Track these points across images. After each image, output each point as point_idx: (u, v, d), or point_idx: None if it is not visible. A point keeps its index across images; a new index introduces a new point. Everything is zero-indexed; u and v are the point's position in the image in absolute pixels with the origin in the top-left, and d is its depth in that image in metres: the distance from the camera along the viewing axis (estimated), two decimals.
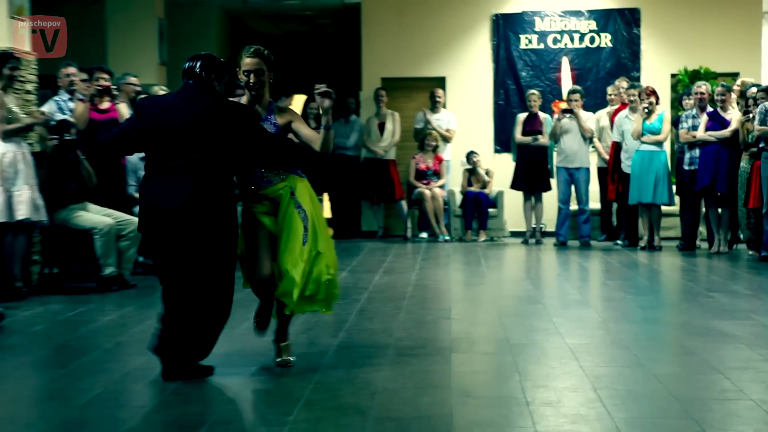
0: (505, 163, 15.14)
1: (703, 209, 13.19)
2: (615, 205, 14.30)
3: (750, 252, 12.39)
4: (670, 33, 15.94)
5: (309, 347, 6.83)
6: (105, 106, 10.54)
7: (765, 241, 11.89)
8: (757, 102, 12.19)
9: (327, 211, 15.87)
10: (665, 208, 13.53)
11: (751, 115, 12.23)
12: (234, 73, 6.17)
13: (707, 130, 12.78)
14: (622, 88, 14.17)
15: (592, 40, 16.01)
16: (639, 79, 15.46)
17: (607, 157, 14.06)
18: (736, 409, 5.23)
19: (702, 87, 13.16)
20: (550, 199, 14.47)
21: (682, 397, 5.43)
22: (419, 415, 5.14)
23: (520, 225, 14.84)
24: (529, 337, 7.27)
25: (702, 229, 13.52)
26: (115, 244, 9.76)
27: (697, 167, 12.84)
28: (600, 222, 14.64)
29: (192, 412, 5.31)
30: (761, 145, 11.95)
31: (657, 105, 13.32)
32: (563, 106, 14.33)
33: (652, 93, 13.33)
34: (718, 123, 12.76)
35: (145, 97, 8.23)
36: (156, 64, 14.59)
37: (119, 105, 10.63)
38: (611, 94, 14.48)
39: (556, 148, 14.25)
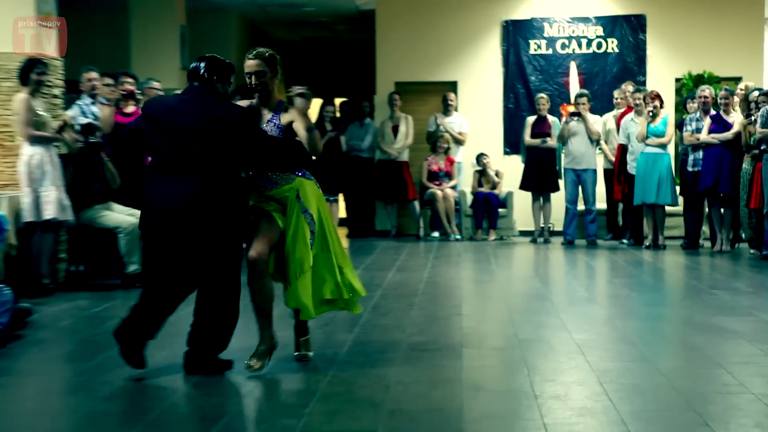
0: (515, 165, 15.12)
1: (706, 209, 13.15)
2: (621, 206, 14.27)
3: (751, 251, 12.35)
4: (674, 39, 15.90)
5: (325, 342, 6.84)
6: (130, 110, 10.56)
7: (766, 240, 11.85)
8: (758, 105, 12.15)
9: (342, 211, 15.88)
10: (669, 208, 13.49)
11: (753, 118, 12.20)
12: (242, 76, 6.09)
13: (710, 132, 12.75)
14: (628, 92, 14.13)
15: (599, 46, 15.98)
16: (645, 83, 15.42)
17: (613, 158, 14.04)
18: (738, 403, 5.22)
19: (706, 91, 13.12)
20: (558, 200, 14.44)
21: (686, 391, 5.42)
22: (431, 408, 5.15)
23: (528, 224, 14.82)
24: (537, 333, 7.27)
25: (705, 228, 13.48)
26: (139, 242, 9.78)
27: (700, 169, 12.81)
28: (606, 222, 14.60)
29: (212, 404, 5.33)
30: (763, 147, 11.92)
31: (661, 108, 13.27)
32: (571, 109, 14.30)
33: (657, 97, 13.29)
34: (720, 126, 12.72)
35: (150, 99, 8.19)
36: (178, 69, 14.61)
37: None
38: (617, 98, 14.45)
39: (563, 150, 14.23)
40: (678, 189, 13.44)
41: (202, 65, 5.87)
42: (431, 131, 15.30)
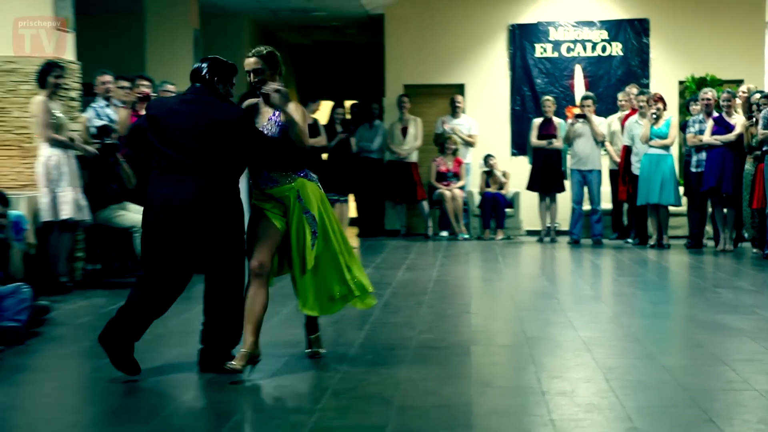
0: (521, 166, 15.10)
1: (710, 209, 13.11)
2: (626, 206, 14.24)
3: (754, 250, 12.31)
4: (677, 42, 15.86)
5: (336, 340, 6.83)
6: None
7: None
8: (760, 107, 12.11)
9: (352, 211, 15.87)
10: (673, 208, 13.46)
11: (754, 120, 12.16)
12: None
13: (713, 134, 12.72)
14: (632, 94, 14.11)
15: (604, 49, 15.94)
16: (648, 85, 15.40)
17: (618, 159, 14.01)
18: (742, 399, 5.20)
19: (708, 93, 13.09)
20: (564, 200, 14.42)
21: (690, 388, 5.40)
22: (440, 404, 5.13)
23: (535, 224, 14.80)
24: (544, 331, 7.25)
25: (708, 228, 13.44)
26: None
27: (703, 169, 12.78)
28: (611, 221, 14.58)
29: (226, 400, 5.32)
30: (765, 148, 11.87)
31: (664, 111, 13.24)
32: (576, 111, 14.30)
33: (660, 99, 13.27)
34: (723, 127, 12.69)
35: (153, 99, 8.15)
36: None
37: None
38: (622, 100, 14.41)
39: (569, 152, 14.20)
40: (682, 189, 13.41)
41: (205, 66, 5.83)
42: (438, 133, 15.29)
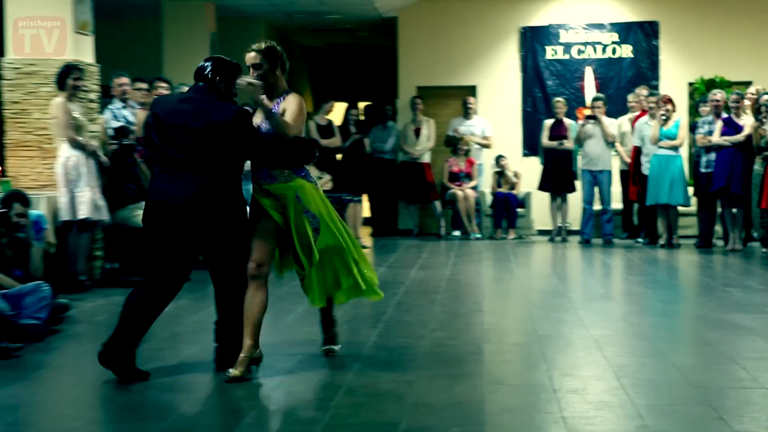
0: (533, 166, 15.08)
1: (719, 209, 13.07)
2: (636, 206, 14.20)
3: (763, 249, 12.26)
4: (687, 44, 15.80)
5: (350, 338, 6.81)
6: None
7: None
8: None
9: (366, 211, 15.86)
10: (683, 208, 13.42)
11: (763, 121, 12.12)
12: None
13: (722, 135, 12.68)
14: (642, 95, 14.07)
15: (614, 51, 15.90)
16: (658, 87, 15.35)
17: (628, 160, 13.98)
18: (752, 397, 5.18)
19: (717, 95, 13.06)
20: (575, 200, 14.39)
21: (700, 386, 5.38)
22: (453, 402, 5.12)
23: (546, 224, 14.78)
24: (555, 329, 7.23)
25: (718, 227, 13.40)
26: None
27: (713, 170, 12.74)
28: (622, 221, 14.55)
29: (242, 397, 5.32)
30: None
31: (673, 112, 13.21)
32: (587, 112, 14.28)
33: (669, 101, 13.24)
34: (732, 128, 12.65)
35: (157, 97, 8.11)
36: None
37: None
38: (632, 102, 14.38)
39: (580, 152, 14.18)
40: (691, 190, 13.37)
41: (208, 65, 5.81)
42: (450, 135, 15.28)
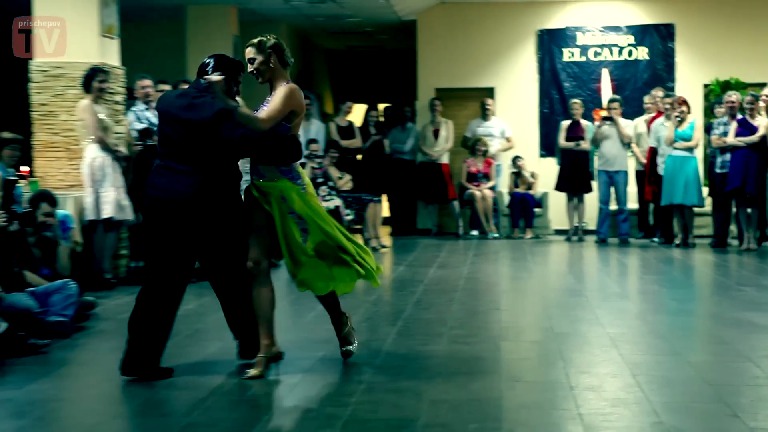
0: (550, 167, 15.05)
1: (734, 209, 13.01)
2: (651, 206, 14.15)
3: None
4: (702, 46, 15.73)
5: (369, 335, 6.82)
6: None
7: None
8: None
9: (385, 211, 15.86)
10: (698, 208, 13.36)
11: None
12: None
13: (737, 136, 12.61)
14: (658, 97, 14.02)
15: (630, 53, 15.85)
16: (673, 89, 15.29)
17: (644, 161, 13.93)
18: (766, 395, 5.16)
19: (732, 96, 12.99)
20: (592, 200, 14.36)
21: (715, 383, 5.36)
22: (471, 398, 5.12)
23: (563, 224, 14.74)
24: (572, 327, 7.21)
25: (733, 227, 13.33)
26: None
27: (728, 170, 12.67)
28: (638, 221, 14.49)
29: (262, 393, 5.34)
30: None
31: (688, 113, 13.16)
32: (603, 114, 14.24)
33: (684, 102, 13.19)
34: (747, 129, 12.58)
35: (162, 93, 8.11)
36: None
37: None
38: (648, 103, 14.33)
39: (596, 153, 14.14)
40: (706, 190, 13.31)
41: (210, 62, 5.83)
42: (467, 136, 15.28)
